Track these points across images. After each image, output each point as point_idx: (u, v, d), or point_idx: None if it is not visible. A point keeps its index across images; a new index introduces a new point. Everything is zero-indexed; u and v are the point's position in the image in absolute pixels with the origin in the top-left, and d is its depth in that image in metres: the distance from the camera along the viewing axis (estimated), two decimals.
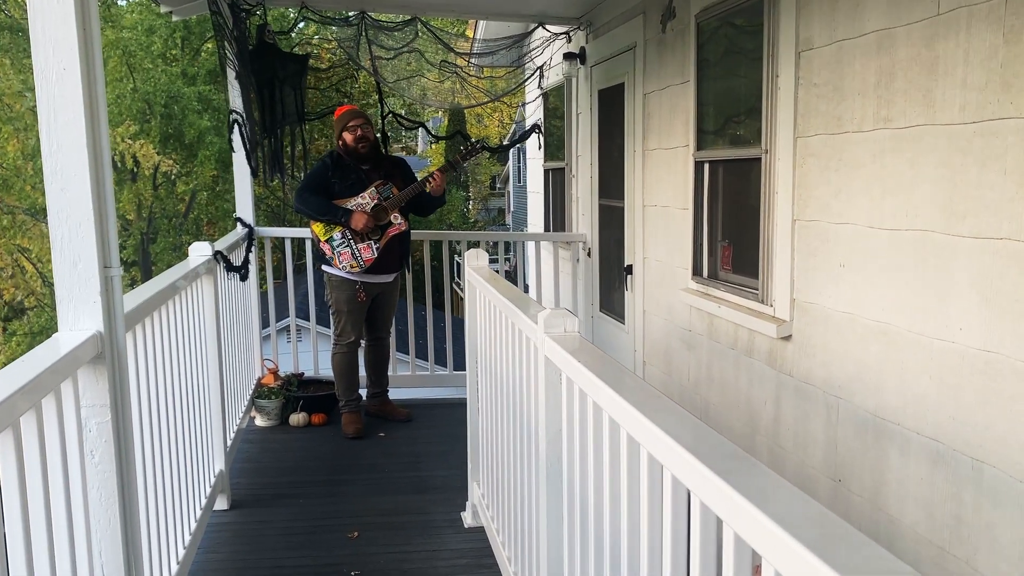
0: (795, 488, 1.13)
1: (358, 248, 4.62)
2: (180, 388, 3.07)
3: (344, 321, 4.78)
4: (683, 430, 1.37)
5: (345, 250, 4.63)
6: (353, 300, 4.72)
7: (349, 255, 4.63)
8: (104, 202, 2.06)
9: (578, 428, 1.93)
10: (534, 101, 6.63)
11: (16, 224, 16.57)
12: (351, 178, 4.66)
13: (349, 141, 4.65)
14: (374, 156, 4.73)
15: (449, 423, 4.90)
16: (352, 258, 4.63)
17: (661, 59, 4.33)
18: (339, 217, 4.57)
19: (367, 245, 4.63)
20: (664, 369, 4.45)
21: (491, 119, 27.44)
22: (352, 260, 4.63)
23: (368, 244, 4.63)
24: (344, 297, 4.73)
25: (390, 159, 4.95)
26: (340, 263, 4.65)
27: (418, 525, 3.70)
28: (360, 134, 4.64)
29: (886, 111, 2.55)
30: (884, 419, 2.61)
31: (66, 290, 2.02)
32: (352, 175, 4.67)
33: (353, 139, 4.64)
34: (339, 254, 4.63)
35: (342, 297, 4.74)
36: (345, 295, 4.73)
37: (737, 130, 3.57)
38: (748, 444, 3.48)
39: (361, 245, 4.62)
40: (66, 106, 1.97)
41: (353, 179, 4.66)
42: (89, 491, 2.07)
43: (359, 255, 4.63)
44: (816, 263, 2.96)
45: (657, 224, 4.49)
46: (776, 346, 3.23)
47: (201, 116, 17.81)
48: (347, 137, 4.66)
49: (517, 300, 2.61)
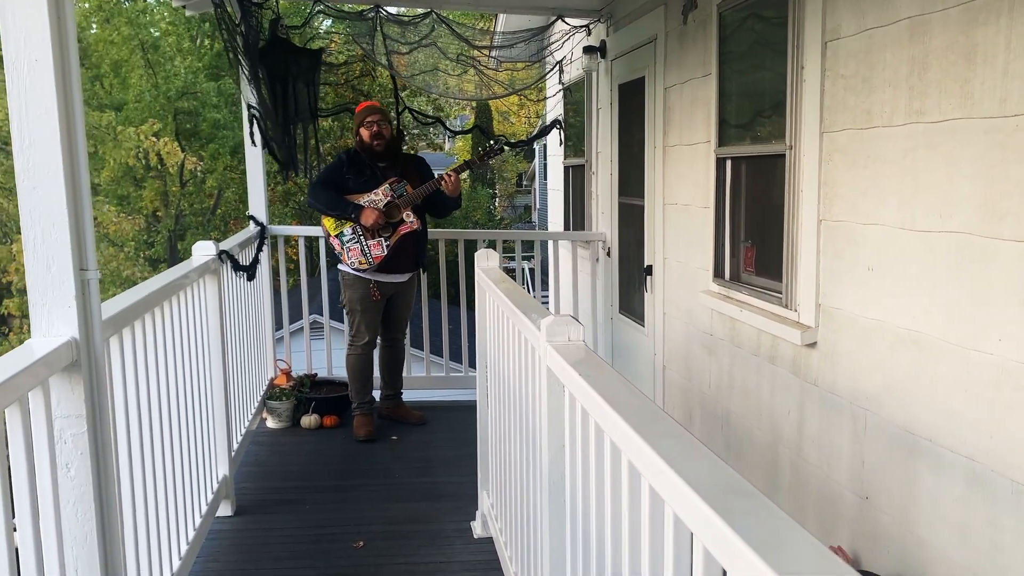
0: (807, 534, 0.98)
1: (368, 244, 4.53)
2: (176, 393, 2.96)
3: (359, 321, 4.68)
4: (688, 461, 1.22)
5: (355, 246, 4.53)
6: (367, 299, 4.62)
7: (359, 251, 4.53)
8: (80, 201, 1.95)
9: (580, 447, 1.78)
10: (554, 96, 6.48)
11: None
12: (366, 175, 4.59)
13: (366, 137, 4.60)
14: (391, 153, 4.65)
15: (463, 426, 4.76)
16: (361, 254, 4.53)
17: (682, 51, 4.16)
18: (349, 212, 4.49)
19: (377, 242, 4.53)
20: (684, 375, 4.29)
21: (517, 116, 27.29)
22: (361, 256, 4.53)
23: (378, 241, 4.53)
24: (358, 296, 4.63)
25: (408, 157, 4.86)
26: (349, 259, 4.56)
27: (426, 535, 3.58)
28: (376, 130, 4.58)
29: (919, 104, 2.37)
30: (915, 434, 2.44)
31: (39, 294, 1.91)
32: (367, 172, 4.59)
33: (369, 135, 4.58)
34: (348, 250, 4.55)
35: (356, 296, 4.64)
36: (359, 294, 4.63)
37: (760, 125, 3.40)
38: (770, 456, 3.31)
39: (371, 242, 4.53)
40: (38, 100, 1.87)
41: (368, 176, 4.58)
42: (64, 507, 1.96)
43: (368, 251, 4.53)
44: (843, 266, 2.79)
45: (678, 223, 4.32)
46: (800, 353, 3.06)
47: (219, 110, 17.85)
48: (364, 133, 4.61)
49: (522, 304, 2.47)
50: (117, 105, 17.40)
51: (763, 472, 3.38)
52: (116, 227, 16.26)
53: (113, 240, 17.14)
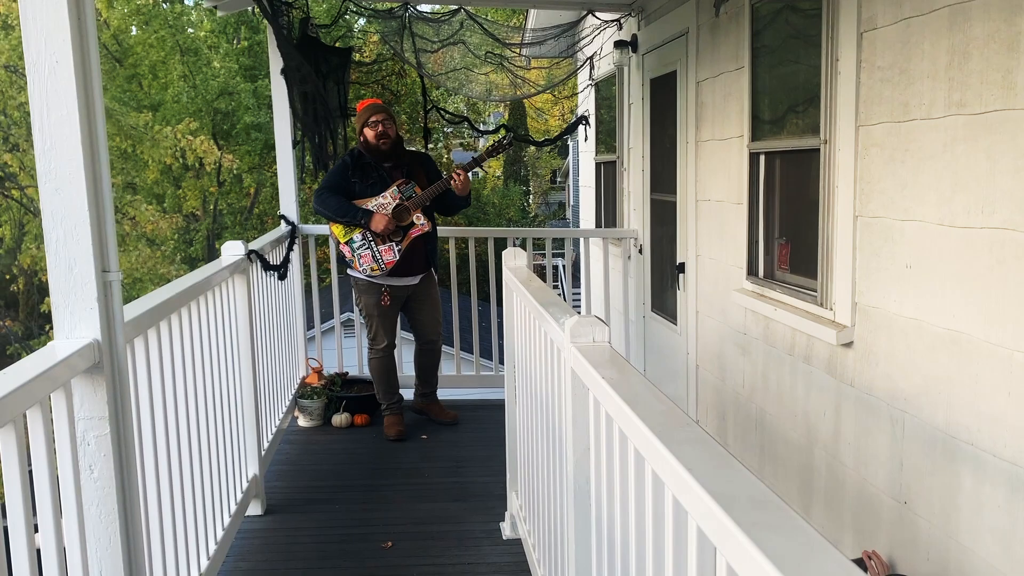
0: (834, 551, 0.93)
1: (379, 250, 4.44)
2: (204, 393, 2.96)
3: (375, 326, 4.65)
4: (711, 470, 1.17)
5: (366, 252, 4.44)
6: (381, 304, 4.57)
7: (370, 257, 4.44)
8: (102, 203, 1.94)
9: (605, 453, 1.74)
10: (584, 91, 6.41)
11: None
12: (372, 177, 4.46)
13: (370, 138, 4.45)
14: (396, 153, 4.51)
15: (493, 426, 4.72)
16: (373, 260, 4.44)
17: (714, 45, 4.09)
18: (358, 219, 4.38)
19: (388, 247, 4.44)
20: (718, 375, 4.21)
21: (551, 113, 27.20)
22: (373, 263, 4.44)
23: (390, 246, 4.44)
24: (372, 301, 4.59)
25: (412, 155, 4.71)
26: (360, 266, 4.47)
27: (455, 535, 3.55)
28: (381, 130, 4.42)
29: (959, 95, 2.29)
30: (955, 437, 2.35)
31: (62, 296, 1.91)
32: (373, 174, 4.47)
33: (375, 135, 4.43)
34: (359, 256, 4.45)
35: (371, 302, 4.60)
36: (373, 299, 4.59)
37: (794, 119, 3.32)
38: (806, 458, 3.23)
39: (382, 247, 4.44)
40: (59, 102, 1.86)
41: (374, 178, 4.46)
42: (88, 508, 1.96)
43: (380, 258, 4.44)
44: (880, 264, 2.71)
45: (710, 220, 4.24)
46: (836, 353, 2.98)
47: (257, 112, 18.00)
48: (368, 133, 4.45)
49: (548, 304, 2.43)
50: (155, 105, 17.65)
51: (798, 475, 3.31)
52: (154, 226, 16.48)
53: (152, 239, 17.38)
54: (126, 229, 16.65)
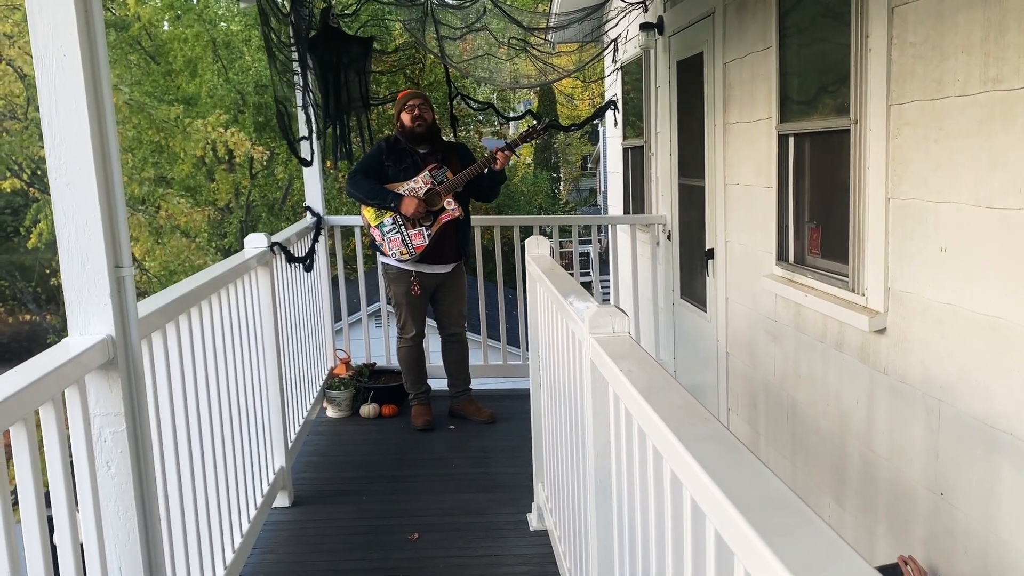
0: (855, 556, 0.87)
1: (409, 235, 4.43)
2: (228, 386, 2.96)
3: (404, 315, 4.63)
4: (729, 470, 1.12)
5: (395, 236, 4.44)
6: (411, 292, 4.55)
7: (399, 241, 4.44)
8: (113, 197, 1.92)
9: (625, 448, 1.69)
10: (610, 75, 6.32)
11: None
12: (406, 162, 4.49)
13: (407, 121, 4.50)
14: (431, 139, 4.54)
15: (519, 415, 4.66)
16: (402, 244, 4.43)
17: (741, 24, 3.98)
18: (389, 202, 4.39)
19: (418, 232, 4.44)
20: (748, 362, 4.13)
21: (581, 98, 27.00)
22: (402, 247, 4.43)
23: (420, 231, 4.44)
24: (402, 290, 4.57)
25: (448, 144, 4.74)
26: (390, 249, 4.47)
27: (481, 527, 3.53)
28: (417, 113, 4.48)
29: (995, 70, 2.19)
30: (994, 427, 2.27)
31: (75, 292, 1.90)
32: (407, 159, 4.49)
33: (411, 118, 4.48)
34: (389, 240, 4.45)
35: (400, 290, 4.58)
36: (403, 288, 4.57)
37: (824, 99, 3.22)
38: (838, 447, 3.15)
39: (412, 231, 4.43)
40: (68, 96, 1.84)
41: (408, 163, 4.49)
42: (105, 505, 1.95)
43: (409, 242, 4.43)
44: (913, 247, 2.61)
45: (739, 204, 4.15)
46: (868, 340, 2.89)
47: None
48: (404, 117, 4.51)
49: (569, 293, 2.38)
50: (190, 99, 17.79)
51: (831, 464, 3.23)
52: (187, 218, 16.66)
53: (185, 231, 17.57)
54: (160, 222, 16.85)
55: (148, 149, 16.36)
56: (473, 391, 4.99)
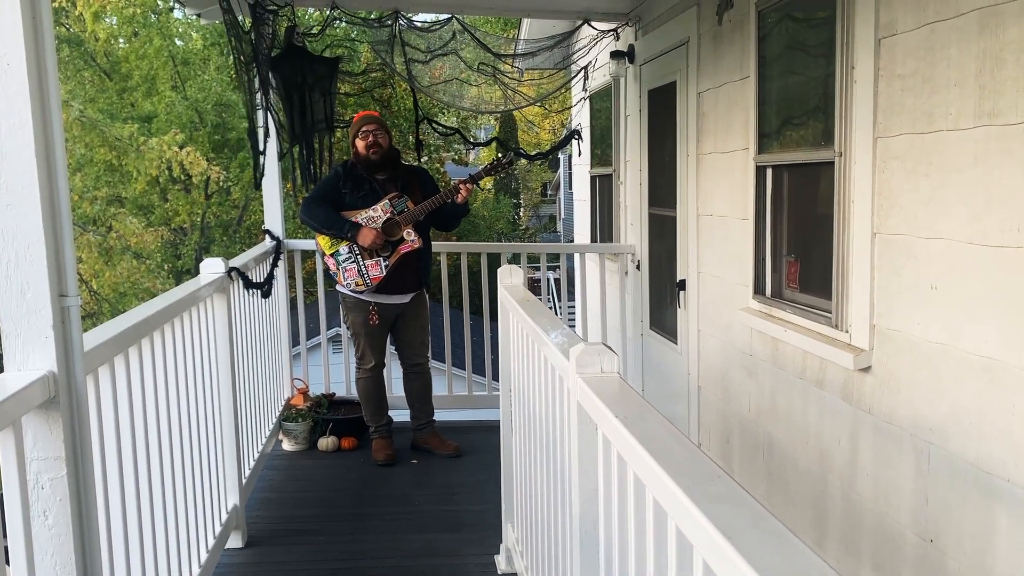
0: None
1: (365, 265, 4.23)
2: (179, 422, 2.77)
3: (363, 344, 4.45)
4: (755, 539, 0.99)
5: (351, 266, 4.24)
6: (369, 322, 4.38)
7: (355, 272, 4.24)
8: (59, 220, 1.76)
9: (616, 498, 1.56)
10: (578, 104, 6.25)
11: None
12: (364, 189, 4.28)
13: (361, 148, 4.28)
14: (390, 165, 4.35)
15: (486, 448, 4.52)
16: (358, 275, 4.24)
17: (717, 54, 3.93)
18: (345, 231, 4.19)
19: (375, 262, 4.24)
20: (721, 396, 4.04)
21: (542, 126, 27.09)
22: (358, 277, 4.24)
23: (376, 261, 4.24)
24: (360, 319, 4.39)
25: (409, 169, 4.55)
26: (345, 280, 4.27)
27: (447, 569, 3.36)
28: (372, 140, 4.26)
29: (991, 104, 2.13)
30: (988, 472, 2.18)
31: (13, 323, 1.72)
32: (365, 186, 4.29)
33: (365, 145, 4.27)
34: (344, 270, 4.26)
35: (358, 319, 4.40)
36: (361, 317, 4.39)
37: (805, 131, 3.16)
38: (818, 487, 3.06)
39: (369, 262, 4.24)
40: (11, 108, 1.69)
41: (366, 190, 4.28)
42: (40, 558, 1.76)
43: (366, 273, 4.23)
44: (901, 284, 2.54)
45: (713, 236, 4.08)
46: (852, 378, 2.81)
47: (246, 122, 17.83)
48: (359, 144, 4.29)
49: (549, 328, 2.25)
50: (147, 117, 17.42)
51: (810, 504, 3.13)
52: (138, 239, 16.22)
53: (137, 252, 17.12)
54: (111, 243, 16.38)
55: (101, 168, 15.94)
56: (437, 423, 4.82)
